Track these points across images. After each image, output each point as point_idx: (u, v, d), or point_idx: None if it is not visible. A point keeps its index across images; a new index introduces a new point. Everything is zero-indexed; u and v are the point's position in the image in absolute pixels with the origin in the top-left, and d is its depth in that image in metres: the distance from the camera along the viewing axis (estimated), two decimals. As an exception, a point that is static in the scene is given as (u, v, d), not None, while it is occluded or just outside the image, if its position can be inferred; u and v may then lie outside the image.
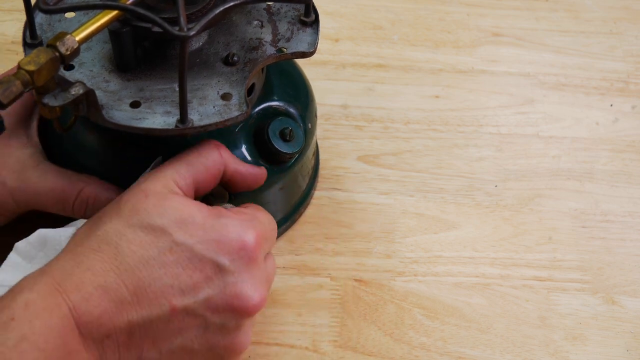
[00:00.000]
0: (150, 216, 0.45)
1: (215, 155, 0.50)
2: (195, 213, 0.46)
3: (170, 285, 0.44)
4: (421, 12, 0.84)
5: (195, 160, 0.49)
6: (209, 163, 0.50)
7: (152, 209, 0.45)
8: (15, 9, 0.81)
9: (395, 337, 0.60)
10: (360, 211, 0.67)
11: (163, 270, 0.44)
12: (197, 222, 0.46)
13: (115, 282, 0.43)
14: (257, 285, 0.47)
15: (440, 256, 0.65)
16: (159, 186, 0.47)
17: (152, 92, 0.50)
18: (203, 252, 0.45)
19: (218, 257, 0.45)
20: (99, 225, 0.46)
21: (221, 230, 0.46)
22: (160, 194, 0.46)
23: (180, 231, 0.45)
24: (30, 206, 0.56)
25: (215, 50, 0.53)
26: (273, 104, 0.58)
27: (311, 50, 0.53)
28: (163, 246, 0.45)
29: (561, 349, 0.60)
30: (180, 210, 0.46)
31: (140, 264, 0.44)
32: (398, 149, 0.72)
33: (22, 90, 0.42)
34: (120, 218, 0.45)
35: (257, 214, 0.49)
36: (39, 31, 0.52)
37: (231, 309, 0.46)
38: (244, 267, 0.46)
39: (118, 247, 0.44)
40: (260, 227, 0.48)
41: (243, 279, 0.46)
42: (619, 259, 0.65)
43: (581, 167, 0.71)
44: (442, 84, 0.77)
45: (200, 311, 0.45)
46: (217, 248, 0.45)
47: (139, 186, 0.47)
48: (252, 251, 0.46)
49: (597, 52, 0.81)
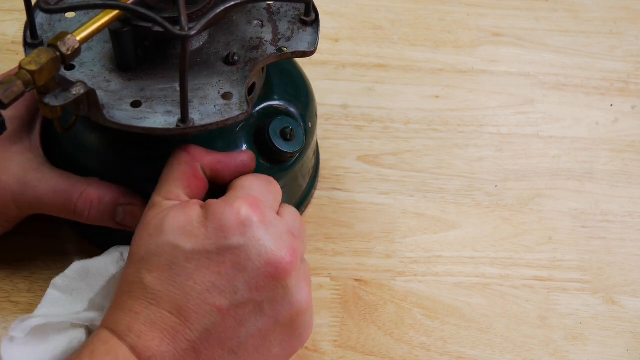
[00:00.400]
0: (155, 241, 0.46)
1: (182, 155, 0.50)
2: (190, 214, 0.46)
3: (207, 290, 0.45)
4: (421, 12, 0.84)
5: (169, 171, 0.50)
6: (180, 166, 0.50)
7: (153, 234, 0.46)
8: (15, 9, 0.81)
9: (395, 337, 0.60)
10: (360, 211, 0.67)
11: (191, 281, 0.45)
12: (195, 222, 0.46)
13: (157, 312, 0.44)
14: (280, 241, 0.46)
15: (440, 256, 0.65)
16: (150, 214, 0.48)
17: (153, 92, 0.50)
18: (215, 245, 0.45)
19: (228, 240, 0.45)
20: (125, 274, 0.47)
21: (217, 216, 0.46)
22: (155, 219, 0.47)
23: (185, 238, 0.45)
24: (33, 210, 0.56)
25: (216, 50, 0.53)
26: (273, 104, 0.58)
27: (312, 49, 0.53)
28: (179, 261, 0.45)
29: (561, 349, 0.60)
30: (177, 219, 0.46)
31: (168, 285, 0.45)
32: (398, 149, 0.72)
33: (24, 90, 0.42)
34: (134, 257, 0.47)
35: (236, 183, 0.50)
36: (39, 31, 0.52)
37: (270, 277, 0.46)
38: (258, 233, 0.46)
39: (143, 282, 0.45)
40: (246, 192, 0.48)
41: (264, 244, 0.46)
42: (619, 259, 0.65)
43: (581, 167, 0.71)
44: (442, 84, 0.77)
45: (245, 298, 0.45)
46: (223, 233, 0.45)
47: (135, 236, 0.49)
48: (253, 215, 0.46)
49: (597, 52, 0.81)
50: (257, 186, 0.49)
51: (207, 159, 0.51)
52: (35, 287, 0.60)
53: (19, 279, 0.61)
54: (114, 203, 0.54)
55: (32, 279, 0.61)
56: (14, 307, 0.59)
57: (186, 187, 0.49)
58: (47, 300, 0.53)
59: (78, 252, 0.62)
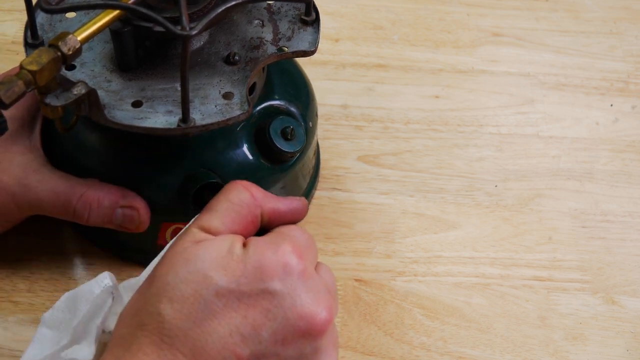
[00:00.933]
0: (187, 267, 0.41)
1: (246, 197, 0.45)
2: (230, 248, 0.42)
3: (229, 335, 0.40)
4: (421, 12, 0.84)
5: (223, 206, 0.45)
6: (242, 209, 0.45)
7: (187, 259, 0.42)
8: (15, 9, 0.81)
9: (395, 337, 0.60)
10: (360, 211, 0.67)
11: (216, 321, 0.40)
12: (234, 257, 0.41)
13: (170, 354, 0.39)
14: (318, 297, 0.42)
15: (440, 256, 0.65)
16: (187, 239, 0.43)
17: (153, 92, 0.50)
18: (249, 285, 0.41)
19: (267, 284, 0.41)
20: (138, 300, 0.42)
21: (258, 255, 0.42)
22: (193, 246, 0.42)
23: (221, 270, 0.41)
24: (34, 211, 0.55)
25: (217, 50, 0.53)
26: (274, 103, 0.58)
27: (312, 49, 0.53)
28: (207, 294, 0.40)
29: (561, 349, 0.60)
30: (216, 250, 0.42)
31: (189, 322, 0.40)
32: (398, 149, 0.72)
33: (25, 90, 0.42)
34: (157, 281, 0.42)
35: (282, 229, 0.45)
36: (40, 31, 0.52)
37: (301, 333, 0.41)
38: (297, 283, 0.42)
39: (160, 315, 0.40)
40: (293, 240, 0.43)
41: (301, 296, 0.41)
42: (619, 259, 0.65)
43: (581, 167, 0.71)
44: (442, 84, 0.77)
45: (270, 350, 0.41)
46: (261, 275, 0.41)
47: (165, 252, 0.44)
48: (298, 264, 0.42)
49: (597, 52, 0.81)
50: (303, 238, 0.45)
51: (267, 206, 0.46)
52: (35, 287, 0.60)
53: (19, 279, 0.61)
54: (113, 206, 0.53)
55: (32, 279, 0.61)
56: (14, 307, 0.59)
57: (239, 231, 0.44)
58: (36, 340, 0.48)
59: (78, 252, 0.62)
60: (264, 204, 0.46)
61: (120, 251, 0.62)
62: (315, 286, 0.42)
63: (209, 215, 0.44)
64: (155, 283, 0.41)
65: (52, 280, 0.61)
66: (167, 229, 0.58)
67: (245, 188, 0.45)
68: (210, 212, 0.44)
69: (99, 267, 0.62)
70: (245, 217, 0.45)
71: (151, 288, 0.41)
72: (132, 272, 0.61)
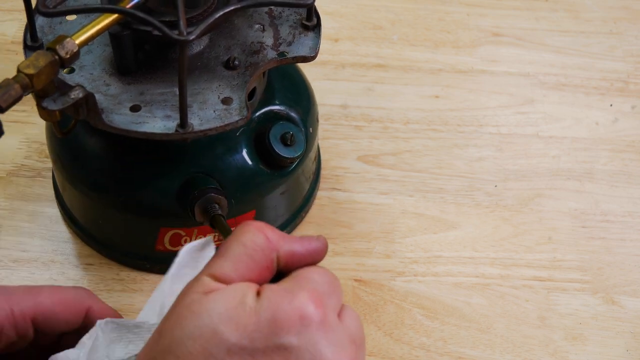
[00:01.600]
0: (194, 322, 0.37)
1: (260, 240, 0.41)
2: (242, 298, 0.38)
3: None
4: (421, 12, 0.84)
5: (236, 251, 0.40)
6: (256, 253, 0.40)
7: (194, 312, 0.38)
8: (15, 9, 0.81)
9: (395, 337, 0.60)
10: (360, 211, 0.67)
11: None
12: (247, 309, 0.37)
13: None
14: (340, 350, 0.38)
15: (440, 256, 0.65)
16: (195, 293, 0.39)
17: (152, 96, 0.49)
18: (263, 341, 0.37)
19: (281, 339, 0.37)
20: (147, 356, 0.39)
21: (273, 305, 0.37)
22: (201, 297, 0.39)
23: (231, 325, 0.37)
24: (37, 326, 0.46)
25: (216, 54, 0.52)
26: (274, 108, 0.58)
27: (312, 54, 0.53)
28: (218, 351, 0.36)
29: (561, 349, 0.60)
30: (226, 301, 0.38)
31: None
32: (398, 149, 0.72)
33: (21, 93, 0.42)
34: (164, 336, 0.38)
35: (300, 273, 0.41)
36: (39, 33, 0.52)
37: None
38: (316, 335, 0.37)
39: None
40: (312, 285, 0.39)
41: (321, 351, 0.37)
42: (619, 259, 0.65)
43: (581, 167, 0.71)
44: (441, 84, 0.77)
45: None
46: (276, 328, 0.37)
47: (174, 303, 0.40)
48: (316, 313, 0.38)
49: (597, 52, 0.81)
50: (323, 282, 0.40)
51: (284, 249, 0.41)
52: (36, 288, 0.60)
53: (19, 279, 0.61)
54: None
55: (32, 279, 0.61)
56: (15, 308, 0.59)
57: (253, 278, 0.40)
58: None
59: (78, 252, 0.63)
60: (279, 247, 0.41)
61: (119, 256, 0.62)
62: (337, 338, 0.38)
63: (221, 261, 0.40)
64: (162, 339, 0.38)
65: (52, 281, 0.61)
66: (165, 234, 0.58)
67: (259, 230, 0.41)
68: (221, 258, 0.40)
69: (99, 268, 0.62)
70: (259, 263, 0.40)
71: (158, 345, 0.38)
72: (130, 272, 0.62)
